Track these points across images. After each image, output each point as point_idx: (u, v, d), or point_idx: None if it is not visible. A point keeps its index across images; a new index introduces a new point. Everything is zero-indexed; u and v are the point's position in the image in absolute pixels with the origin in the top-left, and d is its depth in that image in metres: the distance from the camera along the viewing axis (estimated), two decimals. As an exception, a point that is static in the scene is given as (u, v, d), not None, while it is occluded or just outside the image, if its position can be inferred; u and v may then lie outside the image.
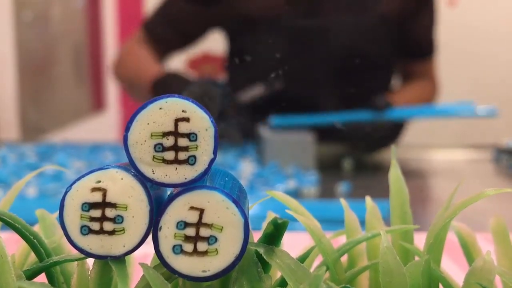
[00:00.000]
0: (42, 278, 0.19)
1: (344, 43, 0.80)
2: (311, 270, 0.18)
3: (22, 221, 0.19)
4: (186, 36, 0.87)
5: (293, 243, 0.21)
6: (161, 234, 0.16)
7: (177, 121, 0.16)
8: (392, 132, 0.72)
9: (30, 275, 0.19)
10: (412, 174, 0.67)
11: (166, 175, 0.16)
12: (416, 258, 0.18)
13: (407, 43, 0.86)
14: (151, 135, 0.16)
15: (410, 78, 0.89)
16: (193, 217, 0.16)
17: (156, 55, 0.84)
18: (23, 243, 0.19)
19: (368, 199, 0.19)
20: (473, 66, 2.13)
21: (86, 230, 0.17)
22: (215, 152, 0.16)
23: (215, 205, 0.16)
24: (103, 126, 1.72)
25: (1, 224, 0.19)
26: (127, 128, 0.16)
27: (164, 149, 0.16)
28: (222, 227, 0.16)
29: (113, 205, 0.16)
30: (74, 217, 0.17)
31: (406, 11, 0.83)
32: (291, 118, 0.68)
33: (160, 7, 0.86)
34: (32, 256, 0.20)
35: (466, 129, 2.10)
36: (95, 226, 0.16)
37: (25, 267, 0.20)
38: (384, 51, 0.83)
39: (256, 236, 0.18)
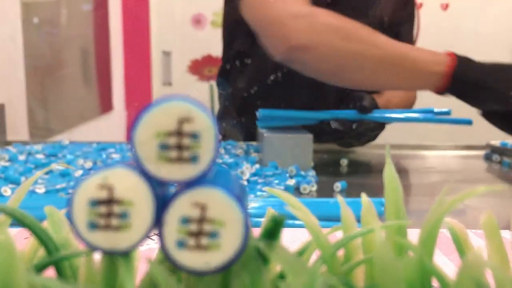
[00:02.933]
0: (51, 272, 0.20)
1: None
2: (309, 263, 0.19)
3: (31, 217, 0.19)
4: None
5: (292, 239, 0.22)
6: (165, 230, 0.17)
7: (181, 121, 0.17)
8: (373, 130, 0.71)
9: (39, 269, 0.19)
10: (407, 173, 0.68)
11: (170, 173, 0.17)
12: (410, 253, 0.19)
13: None
14: (156, 135, 0.17)
15: None
16: (196, 213, 0.17)
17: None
18: (32, 238, 0.20)
19: (363, 196, 0.20)
20: None
21: (93, 226, 0.17)
22: (216, 152, 0.17)
23: (217, 201, 0.17)
24: (109, 128, 1.73)
25: (10, 221, 0.20)
26: (133, 128, 0.17)
27: (169, 148, 0.17)
28: (223, 222, 0.17)
29: (119, 202, 0.17)
30: (82, 213, 0.17)
31: (396, 16, 0.85)
32: (278, 111, 0.67)
33: None
34: (41, 252, 0.21)
35: (459, 130, 2.12)
36: (102, 222, 0.17)
37: (34, 262, 0.20)
38: None
39: (256, 232, 0.19)
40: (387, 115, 0.68)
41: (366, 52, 0.61)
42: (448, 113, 0.69)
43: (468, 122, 0.67)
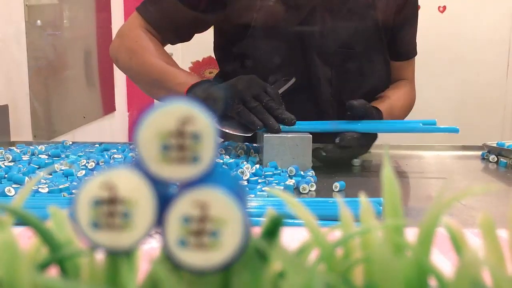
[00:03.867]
0: (54, 271, 0.20)
1: (339, 48, 0.81)
2: (308, 262, 0.19)
3: (34, 216, 0.20)
4: (178, 34, 0.86)
5: (292, 238, 0.22)
6: (167, 229, 0.17)
7: (182, 123, 0.17)
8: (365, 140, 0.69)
9: (42, 268, 0.20)
10: (405, 173, 0.68)
11: (172, 173, 0.17)
12: (408, 252, 0.19)
13: (395, 47, 0.88)
14: (159, 136, 0.17)
15: (393, 78, 0.91)
16: (197, 213, 0.17)
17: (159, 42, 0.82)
18: (35, 238, 0.20)
19: (362, 195, 0.20)
20: (460, 69, 2.16)
21: (96, 225, 0.17)
22: (215, 152, 0.17)
23: (218, 201, 0.17)
24: (112, 128, 1.74)
25: (14, 220, 0.20)
26: (136, 129, 0.17)
27: (171, 149, 0.17)
28: (224, 222, 0.17)
29: (122, 202, 0.17)
30: (85, 213, 0.17)
31: (397, 17, 0.85)
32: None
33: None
34: (44, 251, 0.21)
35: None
36: (105, 221, 0.17)
37: (37, 261, 0.21)
38: (378, 55, 0.84)
39: (256, 231, 0.19)
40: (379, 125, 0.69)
41: (142, 71, 0.79)
42: (433, 123, 0.69)
43: (455, 130, 0.68)
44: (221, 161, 0.64)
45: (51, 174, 0.55)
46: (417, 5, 0.90)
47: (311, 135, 0.64)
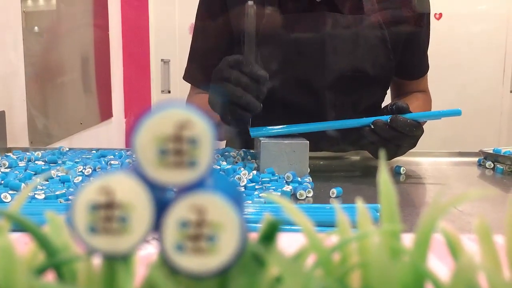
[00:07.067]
0: (50, 277, 0.20)
1: (340, 60, 0.80)
2: (305, 267, 0.19)
3: (31, 222, 0.20)
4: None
5: (289, 243, 0.22)
6: (164, 233, 0.17)
7: (180, 127, 0.17)
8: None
9: (39, 274, 0.20)
10: (402, 179, 0.68)
11: (170, 178, 0.17)
12: (405, 257, 0.19)
13: (406, 66, 0.86)
14: (156, 140, 0.17)
15: (406, 94, 0.90)
16: (194, 217, 0.17)
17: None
18: (32, 243, 0.20)
19: (359, 201, 0.20)
20: (456, 75, 2.17)
21: (93, 230, 0.17)
22: (213, 157, 0.17)
23: (215, 206, 0.17)
24: (109, 134, 1.74)
25: (10, 226, 0.20)
26: (134, 134, 0.17)
27: (168, 153, 0.17)
28: (221, 226, 0.17)
29: (119, 206, 0.17)
30: (82, 218, 0.17)
31: (405, 32, 0.83)
32: (268, 130, 0.68)
33: (189, 52, 0.88)
34: (41, 256, 0.21)
35: (452, 137, 2.14)
36: (102, 226, 0.17)
37: (34, 266, 0.21)
38: (380, 69, 0.83)
39: (253, 236, 0.19)
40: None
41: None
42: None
43: (457, 113, 0.67)
44: (218, 167, 0.64)
45: (47, 180, 0.55)
46: (429, 23, 0.87)
47: (308, 141, 0.64)
